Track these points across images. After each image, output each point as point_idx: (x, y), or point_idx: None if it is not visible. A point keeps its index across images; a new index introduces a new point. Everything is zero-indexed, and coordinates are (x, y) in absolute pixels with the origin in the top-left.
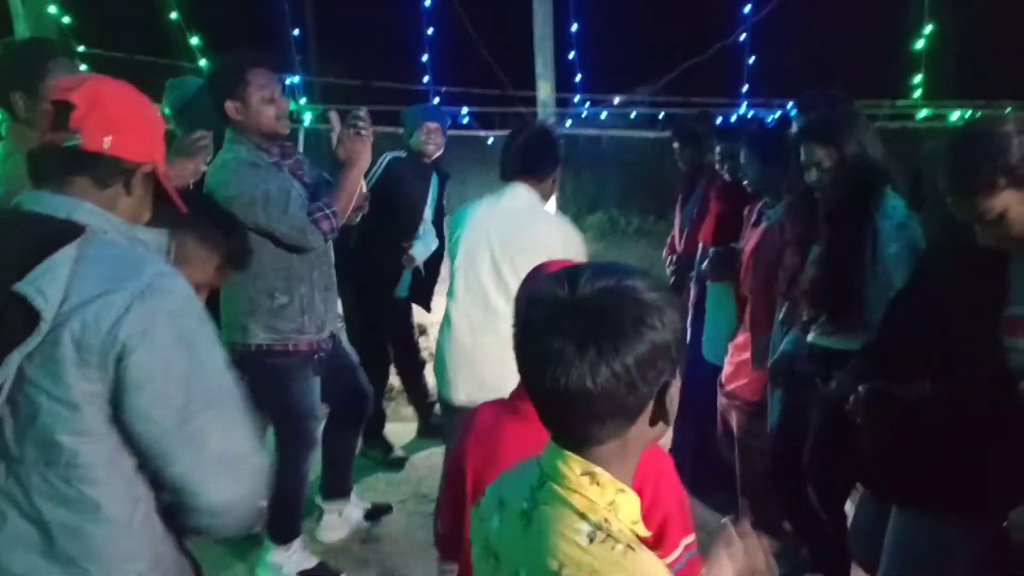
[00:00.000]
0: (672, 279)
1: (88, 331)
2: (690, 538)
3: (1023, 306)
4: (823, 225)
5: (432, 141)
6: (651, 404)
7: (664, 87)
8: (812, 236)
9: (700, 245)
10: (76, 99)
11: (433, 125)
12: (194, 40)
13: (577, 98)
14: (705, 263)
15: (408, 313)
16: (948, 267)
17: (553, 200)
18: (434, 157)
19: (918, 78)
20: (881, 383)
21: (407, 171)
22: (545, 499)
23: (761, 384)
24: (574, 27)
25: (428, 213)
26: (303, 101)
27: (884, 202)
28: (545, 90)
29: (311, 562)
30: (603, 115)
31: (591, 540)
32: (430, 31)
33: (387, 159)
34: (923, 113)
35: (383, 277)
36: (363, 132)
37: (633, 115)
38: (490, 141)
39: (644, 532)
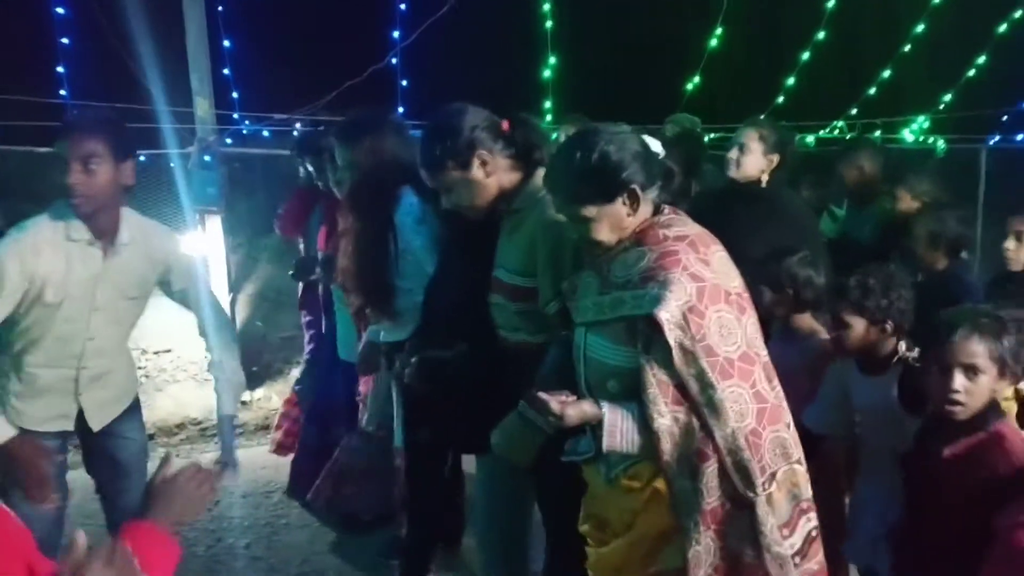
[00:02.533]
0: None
1: None
2: None
3: (505, 271)
4: (347, 219)
5: None
6: None
7: (326, 107)
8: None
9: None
10: None
11: None
12: None
13: (236, 115)
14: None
15: None
16: (448, 238)
17: (218, 223)
18: None
19: (548, 103)
20: (429, 352)
21: None
22: None
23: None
24: (226, 43)
25: None
26: None
27: (401, 200)
28: (203, 107)
29: None
30: (264, 132)
31: None
32: (64, 40)
33: None
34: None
35: None
36: None
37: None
38: (141, 159)
39: None
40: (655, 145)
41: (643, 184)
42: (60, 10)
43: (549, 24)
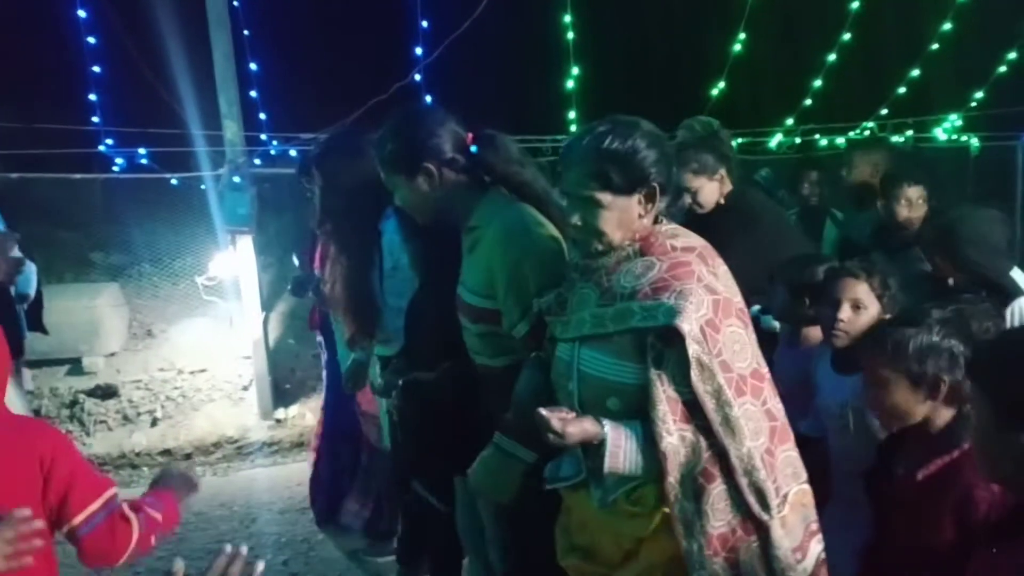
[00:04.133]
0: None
1: None
2: (108, 494)
3: (467, 291)
4: (330, 247)
5: None
6: None
7: (352, 124)
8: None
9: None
10: None
11: None
12: None
13: (264, 136)
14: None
15: None
16: (424, 256)
17: (249, 242)
18: None
19: (571, 114)
20: (415, 373)
21: None
22: None
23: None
24: (252, 66)
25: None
26: None
27: (387, 219)
28: (232, 129)
29: None
30: (292, 152)
31: None
32: (98, 69)
33: None
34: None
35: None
36: None
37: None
38: (174, 182)
39: None
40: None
41: (662, 189)
42: (91, 39)
43: (571, 35)
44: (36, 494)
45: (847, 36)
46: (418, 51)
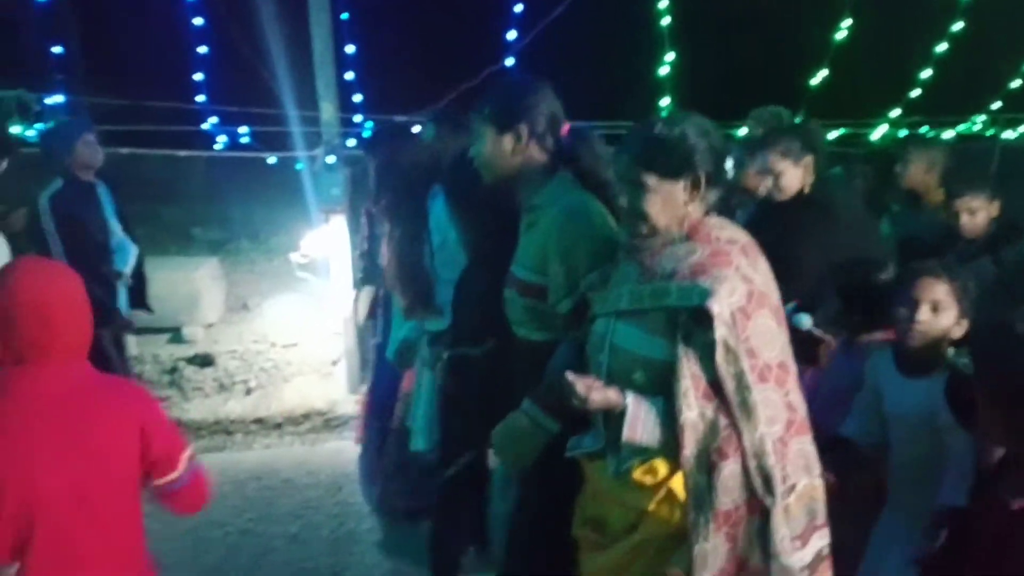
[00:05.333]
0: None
1: None
2: (189, 450)
3: (519, 267)
4: (385, 226)
5: (95, 153)
6: None
7: (444, 108)
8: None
9: None
10: None
11: (91, 136)
12: None
13: (359, 118)
14: None
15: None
16: (477, 235)
17: (343, 222)
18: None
19: (665, 101)
20: (460, 348)
21: (72, 198)
22: None
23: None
24: (351, 49)
25: (115, 225)
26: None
27: (433, 201)
28: (328, 111)
29: None
30: None
31: None
32: (204, 49)
33: (46, 200)
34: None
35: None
36: None
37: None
38: (272, 161)
39: None
40: (728, 163)
41: (708, 178)
42: (199, 20)
43: (667, 21)
44: (135, 455)
45: (958, 25)
46: (512, 35)
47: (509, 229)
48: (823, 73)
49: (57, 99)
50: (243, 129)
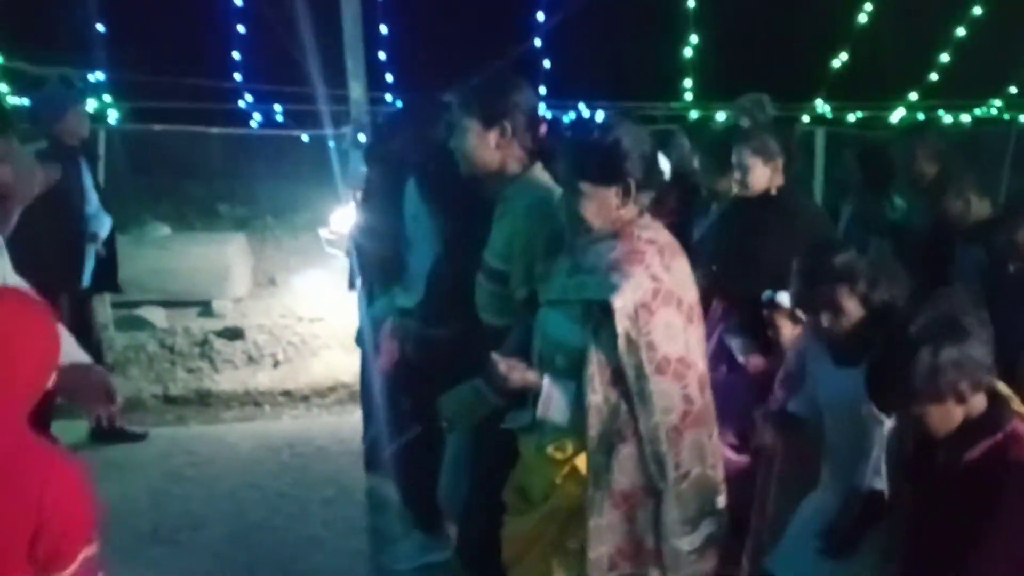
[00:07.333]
0: None
1: None
2: (90, 551)
3: (490, 254)
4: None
5: (84, 123)
6: None
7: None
8: None
9: None
10: None
11: (82, 108)
12: None
13: (388, 97)
14: None
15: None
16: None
17: None
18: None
19: (688, 82)
20: (428, 330)
21: (55, 158)
22: None
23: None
24: (383, 29)
25: (92, 195)
26: (107, 99)
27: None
28: (357, 89)
29: None
30: None
31: None
32: (241, 28)
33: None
34: (694, 114)
35: (62, 274)
36: None
37: None
38: (305, 139)
39: None
40: (664, 164)
41: (639, 184)
42: (238, 1)
43: (691, 2)
44: (24, 536)
45: (977, 10)
46: (539, 16)
47: (482, 218)
48: (843, 56)
49: (98, 76)
50: (277, 108)
